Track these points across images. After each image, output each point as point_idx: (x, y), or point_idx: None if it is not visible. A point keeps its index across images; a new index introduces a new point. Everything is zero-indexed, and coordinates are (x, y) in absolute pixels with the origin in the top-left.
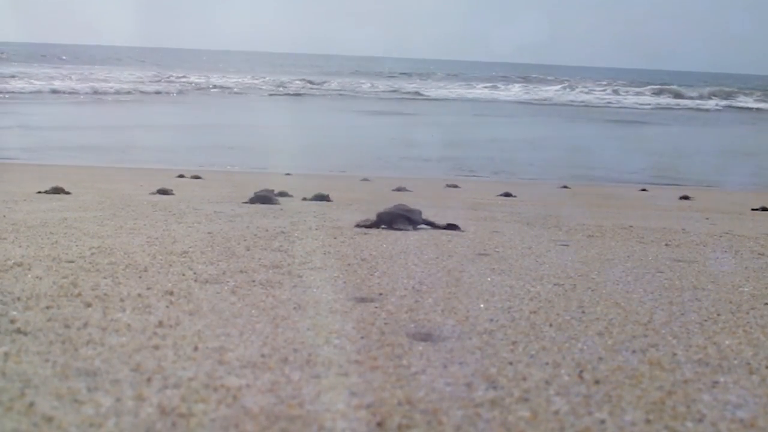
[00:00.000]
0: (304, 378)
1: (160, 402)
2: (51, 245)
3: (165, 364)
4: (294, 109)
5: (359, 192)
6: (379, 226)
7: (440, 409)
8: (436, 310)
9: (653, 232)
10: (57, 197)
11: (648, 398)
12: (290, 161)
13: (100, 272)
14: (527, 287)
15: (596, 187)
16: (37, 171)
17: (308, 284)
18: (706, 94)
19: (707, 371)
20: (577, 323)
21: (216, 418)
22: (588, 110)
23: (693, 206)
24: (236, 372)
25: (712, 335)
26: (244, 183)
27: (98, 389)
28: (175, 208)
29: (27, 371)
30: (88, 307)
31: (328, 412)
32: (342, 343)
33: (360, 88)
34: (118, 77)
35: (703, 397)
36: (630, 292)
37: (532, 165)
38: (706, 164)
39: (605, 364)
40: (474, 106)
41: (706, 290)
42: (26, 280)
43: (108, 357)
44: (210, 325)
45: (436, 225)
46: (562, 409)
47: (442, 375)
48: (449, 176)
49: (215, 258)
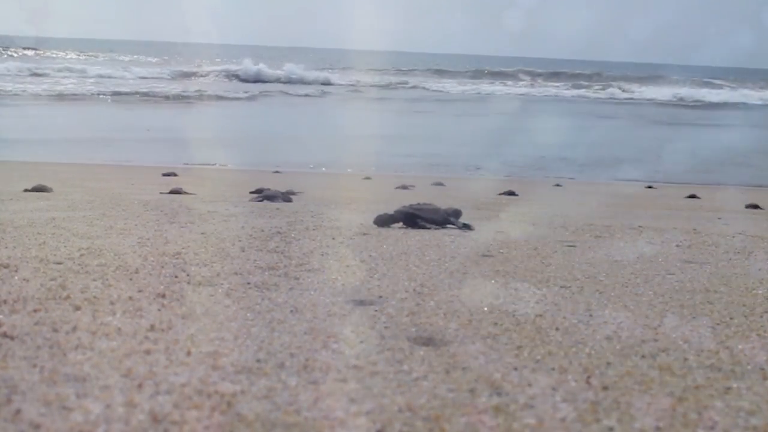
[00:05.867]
0: (301, 384)
1: (152, 409)
2: (38, 246)
3: (157, 370)
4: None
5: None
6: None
7: (442, 415)
8: (438, 314)
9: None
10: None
11: (658, 405)
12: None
13: (90, 274)
14: (532, 289)
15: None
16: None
17: (305, 286)
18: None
19: (719, 377)
20: (585, 327)
21: (210, 425)
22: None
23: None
24: (231, 378)
25: (724, 339)
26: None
27: (87, 395)
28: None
29: (14, 377)
30: (77, 310)
31: (327, 420)
32: (340, 347)
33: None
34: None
35: (716, 404)
36: (639, 294)
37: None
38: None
39: (614, 369)
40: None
41: (718, 293)
42: (13, 282)
43: (98, 362)
44: (203, 328)
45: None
46: (569, 416)
47: (445, 381)
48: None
49: (209, 259)
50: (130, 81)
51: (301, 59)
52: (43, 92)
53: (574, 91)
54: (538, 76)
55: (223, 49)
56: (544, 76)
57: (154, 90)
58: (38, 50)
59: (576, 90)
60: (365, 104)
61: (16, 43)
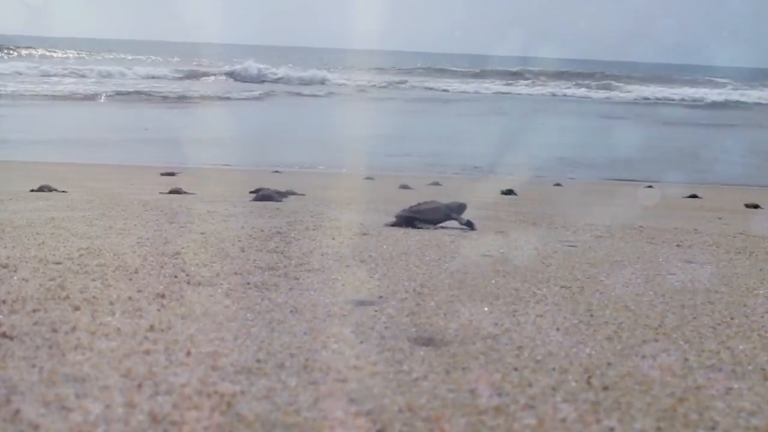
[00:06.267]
0: (301, 384)
1: (151, 409)
2: (38, 246)
3: (156, 370)
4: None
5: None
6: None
7: (443, 416)
8: (438, 314)
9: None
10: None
11: (659, 405)
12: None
13: (89, 274)
14: (533, 289)
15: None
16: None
17: (305, 287)
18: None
19: (720, 377)
20: (585, 327)
21: (209, 425)
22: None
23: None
24: (230, 378)
25: (725, 340)
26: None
27: (87, 396)
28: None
29: (13, 377)
30: (76, 310)
31: (326, 420)
32: (340, 347)
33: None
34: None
35: (717, 404)
36: (640, 294)
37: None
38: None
39: (614, 369)
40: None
41: (719, 293)
42: (12, 282)
43: (97, 362)
44: (203, 329)
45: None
46: (569, 417)
47: (445, 381)
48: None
49: (209, 259)
50: (131, 80)
51: (302, 59)
52: (42, 92)
53: (575, 90)
54: (542, 75)
55: (224, 48)
56: (548, 76)
57: (155, 90)
58: (36, 49)
59: (577, 89)
60: (368, 104)
61: (18, 42)
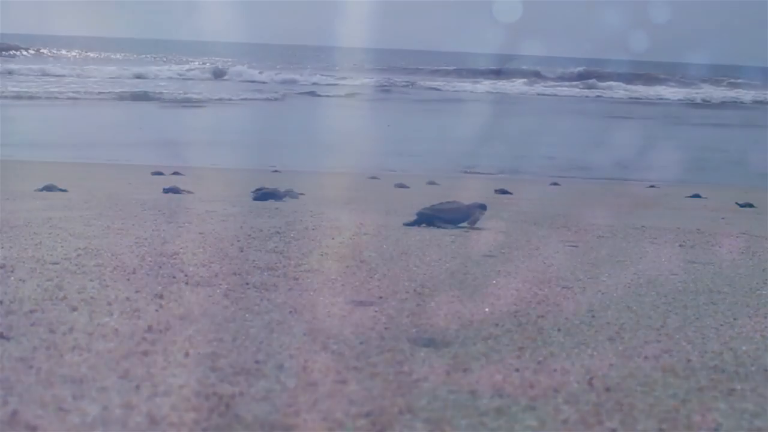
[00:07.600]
0: (300, 385)
1: (150, 410)
2: (35, 246)
3: (154, 371)
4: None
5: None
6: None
7: (443, 418)
8: (438, 314)
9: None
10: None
11: (661, 407)
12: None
13: (87, 274)
14: (534, 290)
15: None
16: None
17: (305, 287)
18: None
19: (723, 378)
20: (587, 328)
21: (208, 427)
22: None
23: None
24: (229, 379)
25: (728, 340)
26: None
27: (84, 397)
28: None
29: (10, 378)
30: (73, 311)
31: (326, 422)
32: (340, 348)
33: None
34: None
35: (719, 406)
36: (642, 295)
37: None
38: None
39: (616, 370)
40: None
41: (722, 293)
42: (9, 282)
43: (95, 363)
44: (201, 329)
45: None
46: (571, 418)
47: (446, 382)
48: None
49: (207, 259)
50: (128, 81)
51: (303, 59)
52: (44, 92)
53: (576, 89)
54: (543, 75)
55: (222, 48)
56: (551, 75)
57: (154, 89)
58: (41, 49)
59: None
60: (371, 104)
61: (20, 43)
